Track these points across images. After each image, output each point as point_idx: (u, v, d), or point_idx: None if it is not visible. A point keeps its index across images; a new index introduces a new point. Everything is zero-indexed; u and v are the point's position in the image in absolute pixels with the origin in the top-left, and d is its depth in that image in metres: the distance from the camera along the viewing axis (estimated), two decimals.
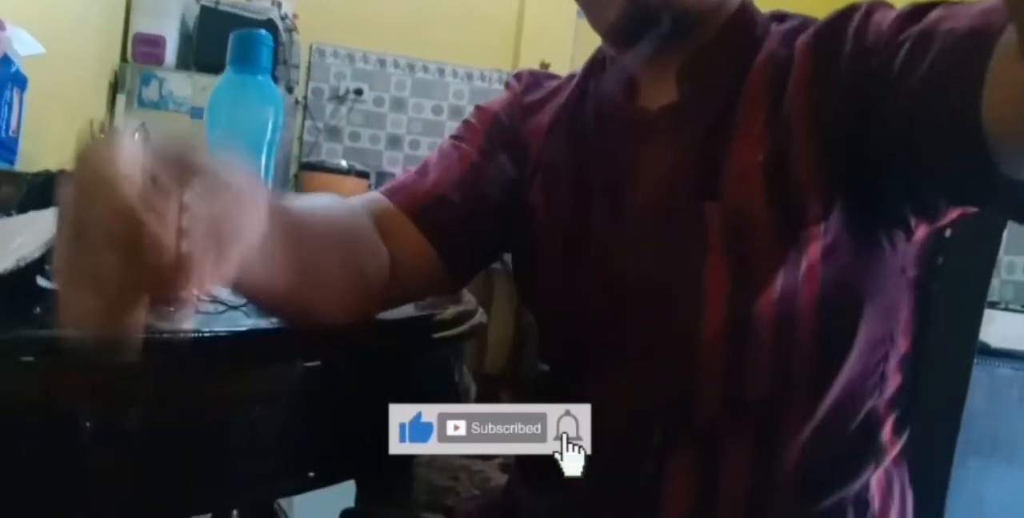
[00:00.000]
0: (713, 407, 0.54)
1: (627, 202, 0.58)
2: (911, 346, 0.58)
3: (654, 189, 0.57)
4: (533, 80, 0.69)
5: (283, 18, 2.56)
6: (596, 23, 0.60)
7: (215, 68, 2.17)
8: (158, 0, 2.55)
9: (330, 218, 0.55)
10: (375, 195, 0.63)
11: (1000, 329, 1.68)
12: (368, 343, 0.52)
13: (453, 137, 0.67)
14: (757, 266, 0.52)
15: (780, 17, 0.60)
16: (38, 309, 0.44)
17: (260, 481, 0.46)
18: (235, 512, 1.13)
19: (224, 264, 0.33)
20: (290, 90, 2.65)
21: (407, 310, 0.59)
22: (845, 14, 0.54)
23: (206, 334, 0.45)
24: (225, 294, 0.51)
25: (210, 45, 2.44)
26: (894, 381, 0.57)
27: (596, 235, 0.59)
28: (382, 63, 3.11)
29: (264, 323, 0.48)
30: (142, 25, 2.50)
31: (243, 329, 0.46)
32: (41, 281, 0.47)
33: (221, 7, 2.52)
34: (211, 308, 0.49)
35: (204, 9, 2.52)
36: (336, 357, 0.48)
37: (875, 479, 0.56)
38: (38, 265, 0.47)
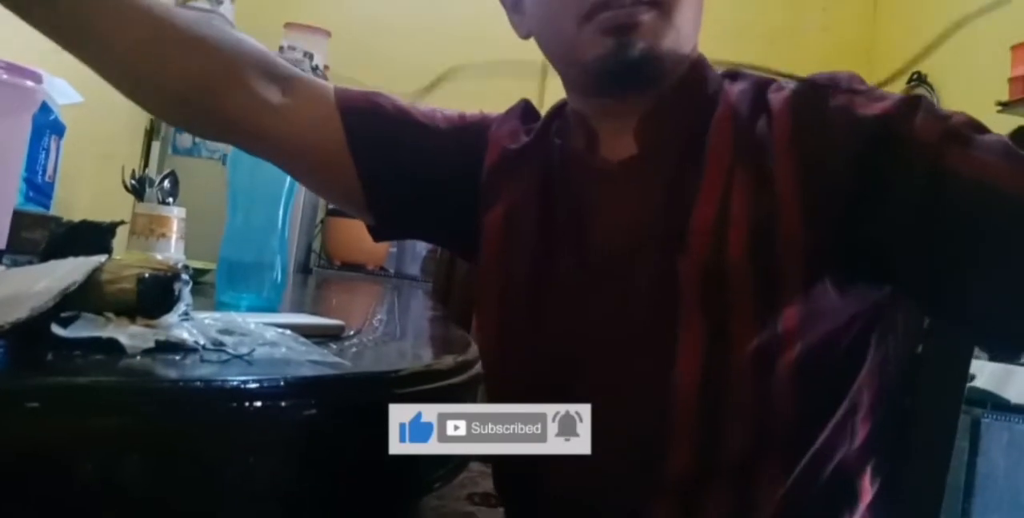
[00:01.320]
0: (687, 463, 0.54)
1: (592, 251, 0.60)
2: (878, 391, 0.59)
3: (619, 240, 0.59)
4: (513, 116, 0.72)
5: (314, 69, 2.64)
6: (568, 68, 0.62)
7: None
8: None
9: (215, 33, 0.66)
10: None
11: (1021, 385, 1.65)
12: (364, 395, 0.53)
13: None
14: (735, 322, 0.53)
15: (732, 75, 0.63)
16: (50, 356, 0.46)
17: None
18: None
19: None
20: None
21: (403, 362, 0.60)
22: (831, 87, 0.56)
23: (208, 382, 0.47)
24: (230, 346, 0.54)
25: None
26: (863, 429, 0.58)
27: (561, 283, 0.61)
28: None
29: (265, 374, 0.49)
30: None
31: (243, 378, 0.48)
32: (56, 329, 0.49)
33: None
34: (214, 357, 0.51)
35: None
36: (337, 405, 0.50)
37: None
38: (53, 313, 0.49)
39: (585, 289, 0.59)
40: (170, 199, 1.46)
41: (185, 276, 0.57)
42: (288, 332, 0.58)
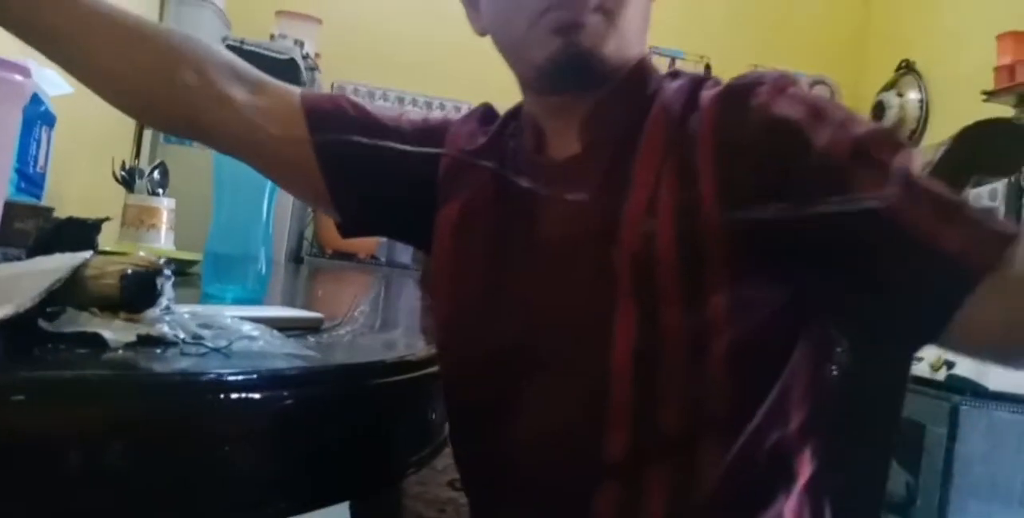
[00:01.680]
0: (625, 443, 0.57)
1: (539, 244, 0.63)
2: (813, 375, 0.61)
3: (561, 233, 0.62)
4: (473, 119, 0.76)
5: (305, 57, 2.65)
6: (519, 66, 0.66)
7: None
8: None
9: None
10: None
11: (999, 373, 1.68)
12: (341, 383, 0.56)
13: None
14: (664, 309, 0.56)
15: (674, 74, 0.65)
16: (36, 350, 0.49)
17: (242, 509, 0.51)
18: None
19: None
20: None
21: (378, 352, 0.63)
22: (755, 86, 0.58)
23: (187, 375, 0.49)
24: (209, 340, 0.56)
25: None
26: (799, 411, 0.60)
27: (510, 273, 0.64)
28: (401, 100, 3.20)
29: (241, 367, 0.52)
30: None
31: (220, 371, 0.50)
32: (42, 324, 0.52)
33: (246, 47, 2.61)
34: (193, 350, 0.54)
35: (230, 48, 2.61)
36: (311, 396, 0.52)
37: (788, 508, 0.59)
38: (39, 309, 0.52)
39: (532, 279, 0.63)
40: (160, 190, 1.48)
41: (167, 272, 0.60)
42: (264, 327, 0.60)
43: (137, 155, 2.38)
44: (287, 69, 2.57)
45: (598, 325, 0.58)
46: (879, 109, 3.22)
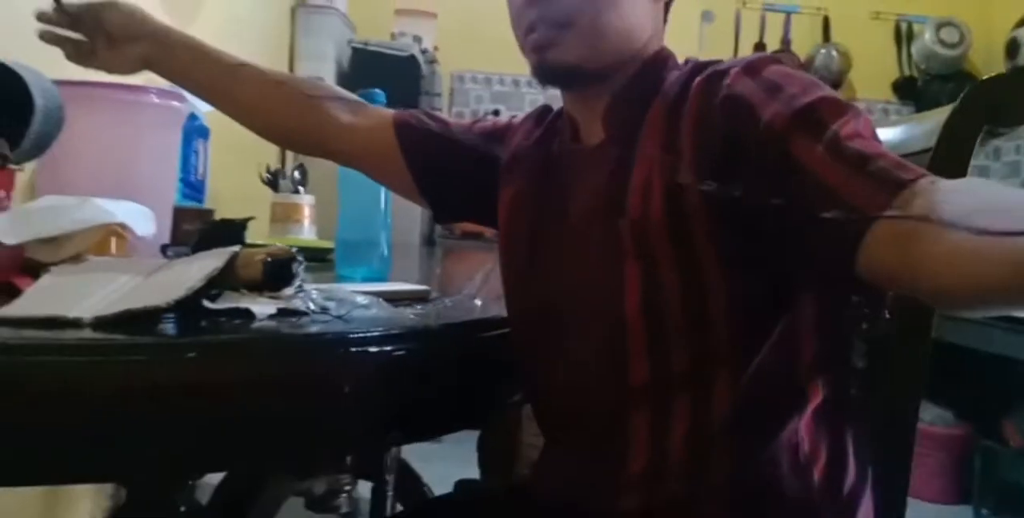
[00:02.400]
0: (645, 375, 0.68)
1: (570, 217, 0.75)
2: (821, 310, 0.69)
3: (584, 209, 0.74)
4: (531, 118, 0.89)
5: (423, 52, 2.81)
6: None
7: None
8: (317, 44, 2.87)
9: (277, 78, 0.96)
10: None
11: None
12: (431, 339, 0.68)
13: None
14: (662, 269, 0.67)
15: (686, 63, 0.74)
16: (203, 322, 0.64)
17: (366, 436, 0.64)
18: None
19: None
20: (483, 119, 2.90)
21: (462, 314, 0.76)
22: (732, 68, 0.66)
23: (317, 335, 0.63)
24: (333, 310, 0.70)
25: (362, 82, 2.73)
26: (810, 344, 0.68)
27: (548, 243, 0.76)
28: (516, 83, 3.32)
29: (358, 328, 0.65)
30: (304, 69, 2.83)
31: (342, 330, 0.64)
32: (206, 303, 0.67)
33: (370, 47, 2.80)
34: (321, 318, 0.68)
35: (355, 50, 2.82)
36: (408, 349, 0.65)
37: (803, 425, 0.67)
38: (203, 292, 0.67)
39: (564, 246, 0.75)
40: (301, 188, 1.67)
41: (299, 258, 0.74)
42: (375, 298, 0.74)
43: (282, 159, 2.62)
44: (408, 65, 2.74)
45: (613, 282, 0.69)
46: (1013, 46, 3.03)
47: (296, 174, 1.66)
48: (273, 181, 1.66)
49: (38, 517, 1.46)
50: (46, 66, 1.06)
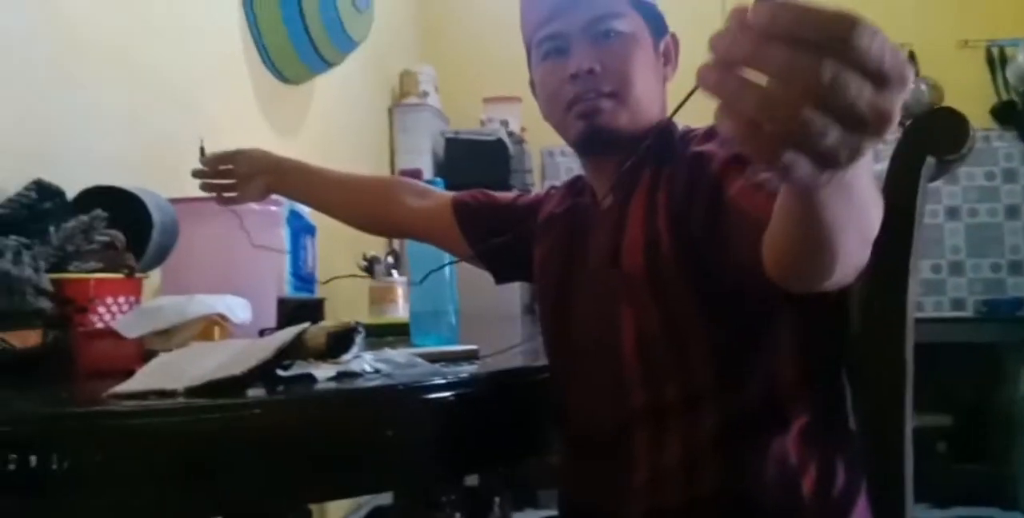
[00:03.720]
0: (643, 401, 0.78)
1: (586, 269, 0.88)
2: (801, 339, 0.77)
3: (595, 261, 0.87)
4: (565, 187, 1.02)
5: (510, 134, 3.01)
6: (565, 138, 0.90)
7: (462, 186, 2.65)
8: (414, 139, 3.13)
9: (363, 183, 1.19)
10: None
11: None
12: (467, 388, 0.80)
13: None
14: (644, 310, 0.79)
15: (683, 135, 0.84)
16: (274, 386, 0.78)
17: (416, 470, 0.76)
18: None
19: None
20: (527, 192, 3.07)
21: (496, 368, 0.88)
22: (705, 160, 0.77)
23: (362, 389, 0.76)
24: (383, 370, 0.83)
25: (456, 167, 2.95)
26: (789, 370, 0.76)
27: (572, 290, 0.90)
28: None
29: (395, 381, 0.78)
30: (403, 162, 3.08)
31: (385, 384, 0.77)
32: (279, 371, 0.81)
33: (461, 136, 3.02)
34: (372, 377, 0.81)
35: (448, 140, 3.05)
36: (443, 398, 0.77)
37: (790, 440, 0.74)
38: (276, 361, 0.81)
39: (582, 293, 0.89)
40: (394, 272, 1.84)
41: (360, 330, 0.88)
42: (421, 359, 0.87)
43: (390, 246, 2.83)
44: (496, 148, 2.93)
45: (613, 324, 0.82)
46: None
47: (389, 259, 1.83)
48: (370, 267, 1.84)
49: None
50: (163, 186, 1.29)
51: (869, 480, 0.75)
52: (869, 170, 0.49)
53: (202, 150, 1.22)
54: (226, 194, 1.21)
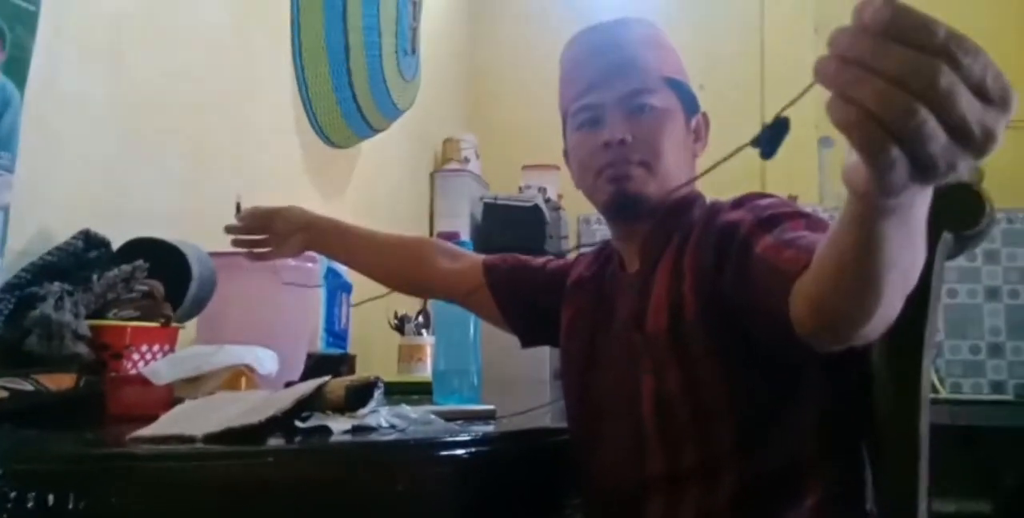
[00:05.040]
0: (660, 468, 0.78)
1: (612, 333, 0.89)
2: (823, 409, 0.77)
3: (620, 325, 0.88)
4: (593, 252, 1.04)
5: (547, 201, 3.05)
6: (594, 204, 0.93)
7: (498, 250, 2.68)
8: (454, 203, 3.19)
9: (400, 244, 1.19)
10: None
11: None
12: (474, 447, 0.81)
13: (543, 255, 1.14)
14: (667, 374, 0.78)
15: (710, 205, 0.87)
16: (297, 438, 0.79)
17: None
18: None
19: None
20: (560, 256, 3.09)
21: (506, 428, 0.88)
22: (733, 226, 0.79)
23: (376, 443, 0.77)
24: (398, 426, 0.84)
25: (493, 232, 2.99)
26: (813, 440, 0.76)
27: (597, 352, 0.91)
28: None
29: (409, 437, 0.79)
30: (442, 225, 3.13)
31: (396, 440, 0.78)
32: (297, 422, 0.83)
33: (499, 202, 3.07)
34: (386, 431, 0.82)
35: (487, 205, 3.10)
36: (452, 456, 0.78)
37: (810, 505, 0.72)
38: (294, 413, 0.83)
39: (606, 355, 0.90)
40: (424, 331, 1.86)
41: (379, 385, 0.90)
42: (436, 417, 0.88)
43: (423, 305, 2.87)
44: (533, 214, 2.98)
45: (633, 387, 0.82)
46: None
47: (420, 318, 1.85)
48: (400, 325, 1.86)
49: None
50: (206, 240, 1.34)
51: None
52: (925, 216, 0.49)
53: (238, 206, 1.26)
54: (257, 251, 1.23)
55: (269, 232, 1.22)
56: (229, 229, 1.24)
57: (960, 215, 0.72)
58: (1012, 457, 3.00)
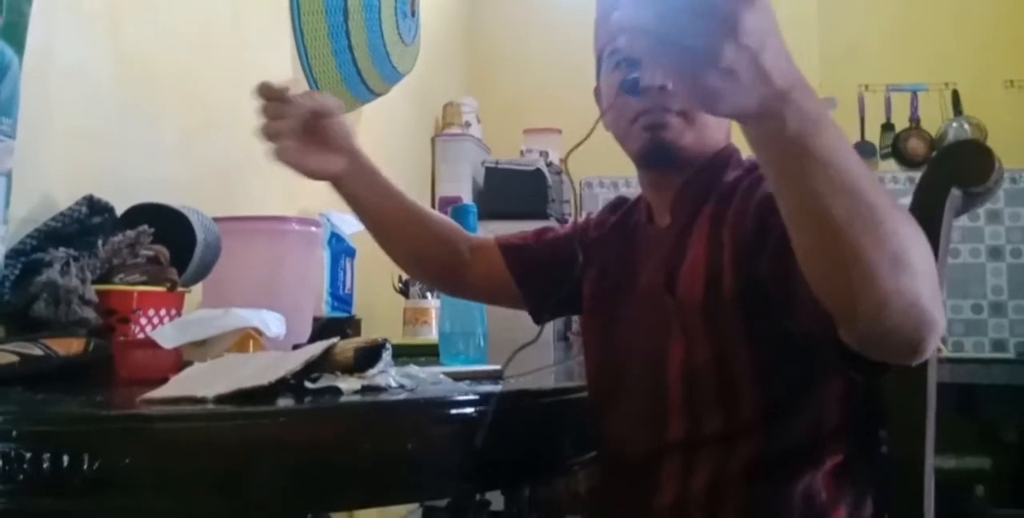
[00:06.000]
0: (681, 433, 0.78)
1: (635, 291, 0.88)
2: (847, 384, 0.76)
3: (647, 284, 0.86)
4: (606, 210, 1.02)
5: (548, 165, 3.04)
6: (626, 151, 0.90)
7: (500, 215, 2.68)
8: (455, 168, 3.18)
9: (432, 217, 1.07)
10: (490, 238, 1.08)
11: None
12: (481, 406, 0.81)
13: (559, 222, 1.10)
14: (698, 340, 0.78)
15: (748, 163, 0.85)
16: (302, 397, 0.80)
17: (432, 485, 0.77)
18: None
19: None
20: (562, 221, 3.09)
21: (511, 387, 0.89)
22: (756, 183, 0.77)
23: (388, 402, 0.78)
24: (407, 386, 0.85)
25: (495, 196, 2.98)
26: (834, 414, 0.76)
27: (619, 311, 0.90)
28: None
29: (418, 396, 0.80)
30: (444, 190, 3.12)
31: (405, 399, 0.78)
32: (306, 383, 0.83)
33: (500, 166, 3.06)
34: (396, 391, 0.83)
35: (488, 169, 3.09)
36: (458, 413, 0.78)
37: (821, 476, 0.73)
38: (304, 374, 0.83)
39: (629, 315, 0.88)
40: (428, 294, 1.86)
41: (387, 346, 0.90)
42: (445, 376, 0.88)
43: None
44: (535, 178, 2.97)
45: (660, 352, 0.81)
46: None
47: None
48: (404, 289, 1.86)
49: None
50: (209, 205, 1.33)
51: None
52: (845, 148, 0.51)
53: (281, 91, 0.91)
54: (283, 142, 0.89)
55: (313, 131, 0.92)
56: (262, 89, 0.90)
57: (969, 171, 0.72)
58: (1012, 415, 3.03)
